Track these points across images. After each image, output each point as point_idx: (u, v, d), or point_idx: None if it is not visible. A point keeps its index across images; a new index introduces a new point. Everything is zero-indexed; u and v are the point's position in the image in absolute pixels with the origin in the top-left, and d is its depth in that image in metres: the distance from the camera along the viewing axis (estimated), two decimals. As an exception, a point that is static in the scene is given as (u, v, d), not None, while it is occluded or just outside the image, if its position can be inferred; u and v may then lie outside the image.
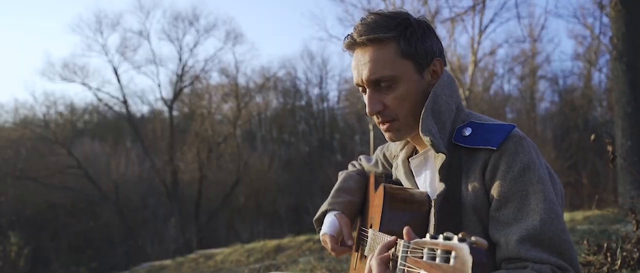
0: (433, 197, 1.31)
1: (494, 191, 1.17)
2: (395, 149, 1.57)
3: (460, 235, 0.76)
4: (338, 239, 1.57)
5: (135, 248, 23.95)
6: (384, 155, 1.71)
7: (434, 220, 1.21)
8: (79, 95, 51.95)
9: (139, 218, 25.94)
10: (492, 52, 23.05)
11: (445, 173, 1.23)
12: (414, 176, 1.44)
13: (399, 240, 1.02)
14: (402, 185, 1.52)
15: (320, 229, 1.66)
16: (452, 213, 1.21)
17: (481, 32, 21.11)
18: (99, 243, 24.47)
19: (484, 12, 19.98)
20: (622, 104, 5.04)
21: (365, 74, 1.27)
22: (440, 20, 20.91)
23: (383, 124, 1.31)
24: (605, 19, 18.17)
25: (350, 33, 1.32)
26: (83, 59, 37.01)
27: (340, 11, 36.73)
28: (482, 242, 0.74)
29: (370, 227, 1.48)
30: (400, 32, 1.26)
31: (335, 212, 1.62)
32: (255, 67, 45.61)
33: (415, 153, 1.45)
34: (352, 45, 1.31)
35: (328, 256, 5.82)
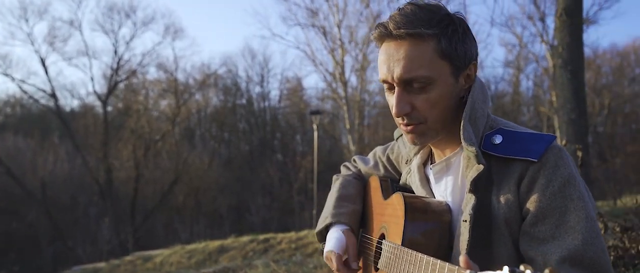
0: (453, 206, 1.25)
1: (531, 205, 1.11)
2: (407, 153, 1.47)
3: (548, 271, 0.70)
4: (344, 258, 1.47)
5: (64, 250, 22.69)
6: (389, 158, 1.60)
7: (468, 236, 1.12)
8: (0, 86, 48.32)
9: (68, 218, 24.57)
10: (431, 57, 23.72)
11: (476, 184, 1.15)
12: (429, 183, 1.36)
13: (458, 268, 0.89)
14: (412, 191, 1.45)
15: (324, 243, 1.54)
16: (481, 226, 1.13)
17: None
18: (23, 245, 22.92)
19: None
20: (566, 110, 5.32)
21: (397, 71, 1.15)
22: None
23: (407, 125, 1.21)
24: (533, 28, 19.38)
25: (382, 22, 1.18)
26: (5, 47, 34.61)
27: (284, 10, 36.52)
28: None
29: (382, 238, 1.39)
30: (442, 29, 1.15)
31: (342, 227, 1.51)
32: (196, 63, 44.64)
33: (431, 159, 1.38)
34: (384, 36, 1.18)
35: (283, 258, 5.74)
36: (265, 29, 50.98)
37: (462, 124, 1.17)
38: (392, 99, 1.20)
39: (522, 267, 0.73)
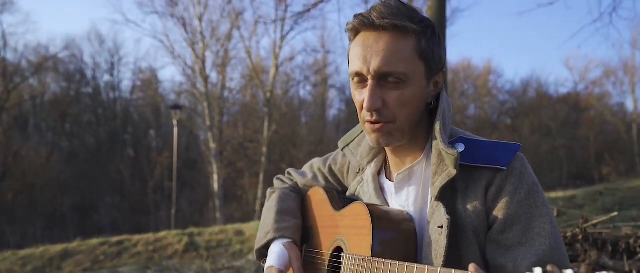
0: (415, 216, 1.25)
1: (498, 213, 1.13)
2: (359, 162, 1.42)
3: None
4: None
5: None
6: (331, 170, 1.55)
7: (446, 242, 1.10)
8: None
9: None
10: (291, 59, 24.32)
11: (443, 192, 1.16)
12: (384, 193, 1.34)
13: None
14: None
15: (265, 259, 1.47)
16: (449, 234, 1.12)
17: (283, 37, 22.12)
18: None
19: (285, 21, 20.92)
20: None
21: (376, 62, 1.13)
22: (243, 21, 21.39)
23: (375, 123, 1.18)
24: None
25: (361, 13, 1.16)
26: None
27: (140, -5, 34.16)
28: None
29: (337, 251, 1.35)
30: (423, 28, 1.16)
31: (284, 241, 1.44)
32: (30, 43, 39.37)
33: (385, 168, 1.37)
34: (364, 26, 1.16)
35: (156, 265, 5.35)
36: (118, 14, 47.06)
37: (437, 129, 1.18)
38: (362, 94, 1.18)
39: (549, 268, 0.75)
